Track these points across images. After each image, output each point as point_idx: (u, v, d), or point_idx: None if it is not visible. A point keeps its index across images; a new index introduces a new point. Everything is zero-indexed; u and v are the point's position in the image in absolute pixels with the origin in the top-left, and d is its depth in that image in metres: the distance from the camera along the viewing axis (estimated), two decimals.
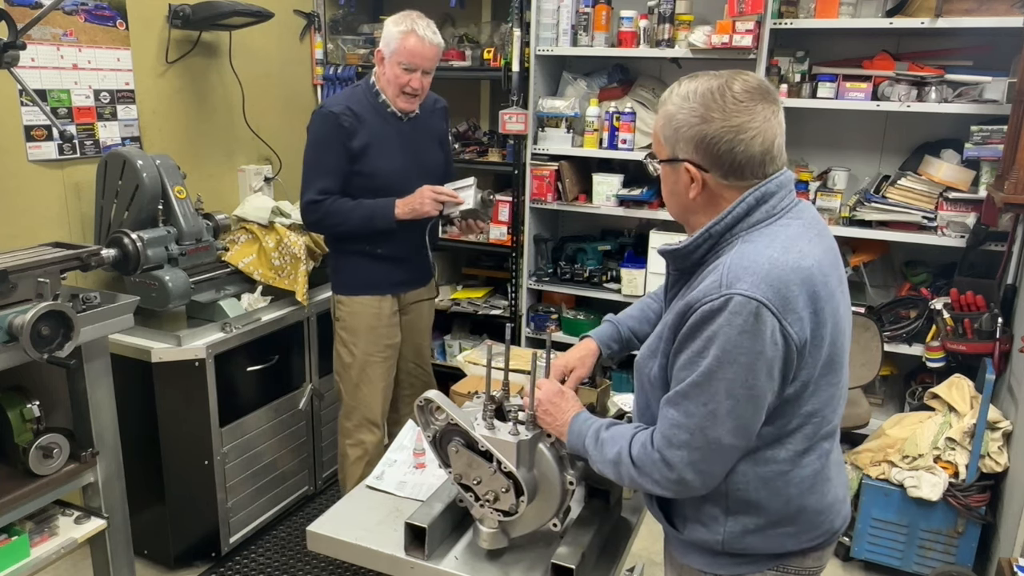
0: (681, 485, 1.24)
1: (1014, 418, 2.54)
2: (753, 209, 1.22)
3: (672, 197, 1.32)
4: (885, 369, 3.19)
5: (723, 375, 1.16)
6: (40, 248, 2.05)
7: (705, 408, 1.18)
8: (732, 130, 1.20)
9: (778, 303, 1.14)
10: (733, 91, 1.21)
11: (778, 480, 1.26)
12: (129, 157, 2.53)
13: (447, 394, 1.70)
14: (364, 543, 1.58)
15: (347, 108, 2.41)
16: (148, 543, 2.68)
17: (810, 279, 1.18)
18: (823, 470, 1.31)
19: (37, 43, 2.49)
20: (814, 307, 1.18)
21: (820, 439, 1.28)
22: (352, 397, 2.64)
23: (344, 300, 2.59)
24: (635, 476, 1.27)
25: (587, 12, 3.26)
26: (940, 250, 2.99)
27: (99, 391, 2.09)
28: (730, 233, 1.23)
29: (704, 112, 1.21)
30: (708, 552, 1.34)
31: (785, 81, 3.02)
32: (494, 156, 3.57)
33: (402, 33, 2.35)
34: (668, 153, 1.28)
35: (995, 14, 2.65)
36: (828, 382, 1.25)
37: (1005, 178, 2.46)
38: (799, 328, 1.16)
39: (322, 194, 2.43)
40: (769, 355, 1.15)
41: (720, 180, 1.23)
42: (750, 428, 1.20)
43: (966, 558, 2.63)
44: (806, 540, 1.32)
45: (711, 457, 1.21)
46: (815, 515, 1.31)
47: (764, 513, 1.28)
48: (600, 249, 3.56)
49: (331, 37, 3.79)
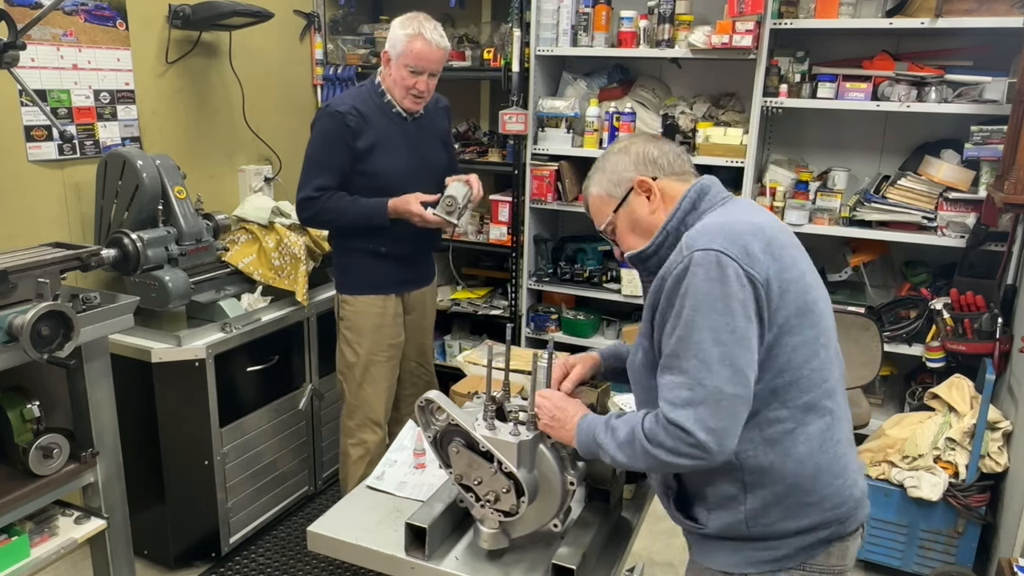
0: (696, 448, 1.22)
1: (1014, 418, 2.54)
2: (697, 202, 1.38)
3: (636, 231, 1.44)
4: (885, 369, 3.19)
5: (704, 323, 1.22)
6: (40, 248, 2.05)
7: (696, 360, 1.22)
8: (649, 140, 1.47)
9: (735, 250, 1.23)
10: (630, 136, 1.53)
11: (785, 440, 1.29)
12: (129, 157, 2.53)
13: (447, 394, 1.70)
14: (364, 543, 1.57)
15: (353, 108, 2.41)
16: (148, 543, 2.68)
17: (761, 230, 1.29)
18: (831, 430, 1.33)
19: (37, 43, 2.49)
20: (771, 252, 1.27)
21: (820, 397, 1.31)
22: (355, 396, 2.64)
23: (349, 299, 2.59)
24: (650, 449, 1.27)
25: (587, 12, 3.26)
26: (940, 250, 2.99)
27: (99, 391, 2.08)
28: (683, 226, 1.37)
29: (624, 145, 1.48)
30: (735, 542, 1.35)
31: (785, 81, 3.02)
32: (494, 156, 3.57)
33: (409, 36, 2.35)
34: (618, 196, 1.45)
35: (995, 14, 2.65)
36: (811, 335, 1.29)
37: (1005, 178, 2.46)
38: (760, 268, 1.24)
39: (319, 191, 2.43)
40: (740, 296, 1.22)
41: (668, 179, 1.42)
42: (745, 374, 1.22)
43: (966, 558, 2.63)
44: (829, 508, 1.32)
45: (717, 411, 1.21)
46: (832, 478, 1.32)
47: (780, 478, 1.30)
48: (600, 249, 3.56)
49: (331, 37, 3.79)
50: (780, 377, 1.28)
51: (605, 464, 1.59)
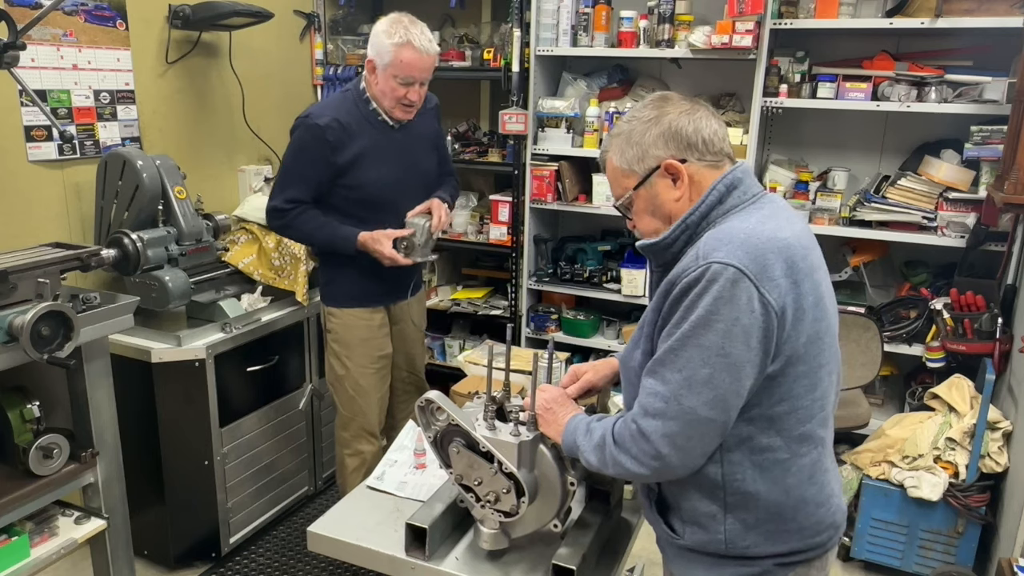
0: (658, 461, 1.20)
1: (1014, 418, 2.54)
2: (724, 196, 1.26)
3: (655, 214, 1.32)
4: (885, 369, 3.19)
5: (699, 341, 1.16)
6: (40, 248, 2.05)
7: (680, 375, 1.17)
8: (686, 112, 1.28)
9: (755, 269, 1.15)
10: (663, 94, 1.32)
11: (775, 469, 1.25)
12: (129, 157, 2.53)
13: (447, 394, 1.70)
14: (364, 544, 1.57)
15: (335, 120, 2.28)
16: (148, 543, 2.68)
17: (787, 249, 1.19)
18: (820, 460, 1.30)
19: (37, 43, 2.49)
20: (793, 277, 1.18)
21: (816, 426, 1.27)
22: (348, 409, 2.60)
23: (336, 312, 2.53)
24: (615, 454, 1.25)
25: (587, 12, 3.26)
26: (940, 250, 2.99)
27: (99, 391, 2.08)
28: (705, 221, 1.26)
29: (656, 113, 1.29)
30: (711, 558, 1.32)
31: (785, 81, 3.02)
32: (494, 156, 3.57)
33: (396, 45, 2.21)
34: (641, 172, 1.30)
35: (995, 14, 2.65)
36: (816, 364, 1.24)
37: (1005, 178, 2.46)
38: (777, 295, 1.16)
39: (289, 203, 2.34)
40: (745, 322, 1.14)
41: (699, 163, 1.28)
42: (727, 402, 1.17)
43: (966, 558, 2.63)
44: (809, 536, 1.30)
45: (687, 430, 1.18)
46: (815, 508, 1.30)
47: (763, 506, 1.26)
48: (600, 249, 3.56)
49: (331, 37, 3.79)
50: (780, 405, 1.23)
51: None
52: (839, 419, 2.86)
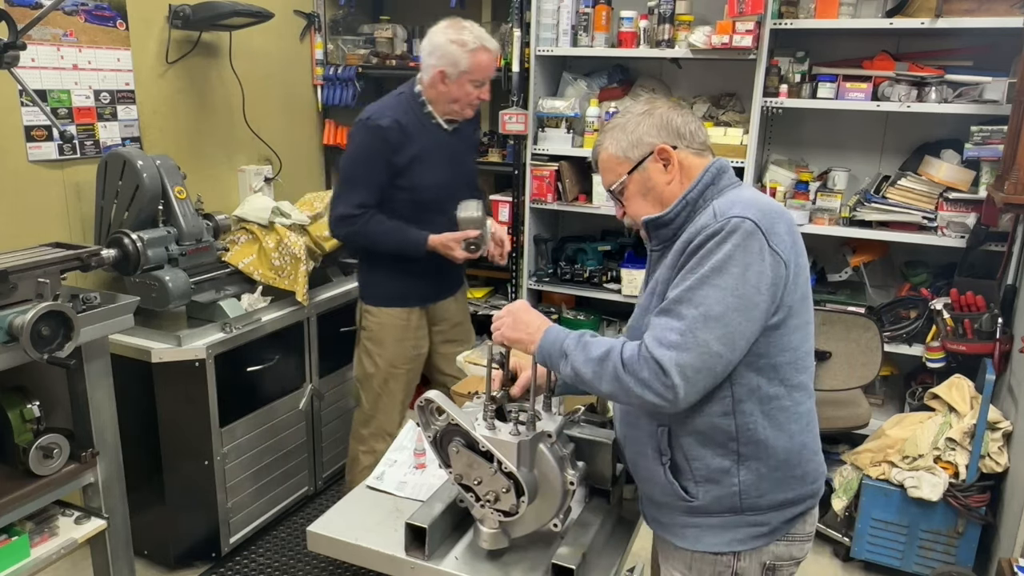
0: (668, 390, 1.26)
1: (1014, 418, 2.54)
2: (717, 178, 1.42)
3: (648, 197, 1.45)
4: (885, 369, 3.19)
5: (715, 282, 1.27)
6: (40, 248, 2.05)
7: (697, 311, 1.26)
8: (674, 108, 1.45)
9: (766, 224, 1.29)
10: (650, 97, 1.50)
11: (781, 416, 1.37)
12: (129, 157, 2.53)
13: (447, 394, 1.70)
14: (364, 543, 1.58)
15: (395, 122, 2.34)
16: (148, 543, 2.68)
17: (785, 214, 1.36)
18: (812, 411, 1.45)
19: (37, 43, 2.49)
20: (792, 237, 1.34)
21: (808, 378, 1.42)
22: (372, 407, 2.62)
23: (372, 310, 2.55)
24: (621, 374, 1.29)
25: (587, 12, 3.26)
26: (940, 250, 2.99)
27: (99, 391, 2.08)
28: (702, 198, 1.40)
29: (648, 107, 1.45)
30: (723, 518, 1.39)
31: (785, 81, 3.02)
32: (494, 156, 3.57)
33: (472, 51, 2.29)
34: (635, 158, 1.43)
35: (995, 14, 2.65)
36: (805, 319, 1.38)
37: (1005, 178, 2.46)
38: (784, 248, 1.30)
39: (359, 208, 2.37)
40: (758, 269, 1.27)
41: (688, 151, 1.43)
42: (738, 339, 1.27)
43: (966, 558, 2.63)
44: (810, 481, 1.44)
45: (697, 362, 1.26)
46: (813, 454, 1.44)
47: (772, 453, 1.37)
48: (600, 249, 3.56)
49: (331, 37, 3.79)
50: (782, 355, 1.34)
51: (605, 464, 1.59)
52: (839, 419, 2.88)
